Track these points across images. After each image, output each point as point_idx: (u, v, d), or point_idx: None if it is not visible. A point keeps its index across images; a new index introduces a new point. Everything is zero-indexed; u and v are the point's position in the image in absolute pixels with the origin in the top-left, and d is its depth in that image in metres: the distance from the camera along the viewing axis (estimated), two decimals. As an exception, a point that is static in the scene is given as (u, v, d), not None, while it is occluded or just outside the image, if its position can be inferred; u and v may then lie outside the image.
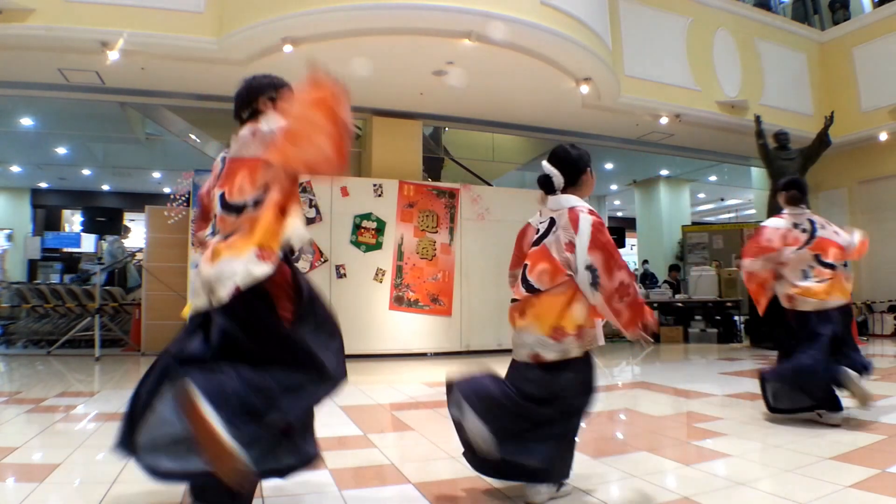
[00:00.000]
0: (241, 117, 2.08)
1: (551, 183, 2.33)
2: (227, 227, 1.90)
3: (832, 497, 2.17)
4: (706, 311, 9.39)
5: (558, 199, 2.30)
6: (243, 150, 1.96)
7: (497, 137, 10.12)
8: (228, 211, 1.91)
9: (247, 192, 1.88)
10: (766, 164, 8.33)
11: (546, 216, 2.33)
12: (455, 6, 5.54)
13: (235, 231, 1.87)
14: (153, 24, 5.92)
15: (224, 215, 1.92)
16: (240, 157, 1.97)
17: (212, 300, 1.80)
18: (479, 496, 2.28)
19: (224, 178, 1.97)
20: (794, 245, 3.53)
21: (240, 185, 1.91)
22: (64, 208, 14.26)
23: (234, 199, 1.90)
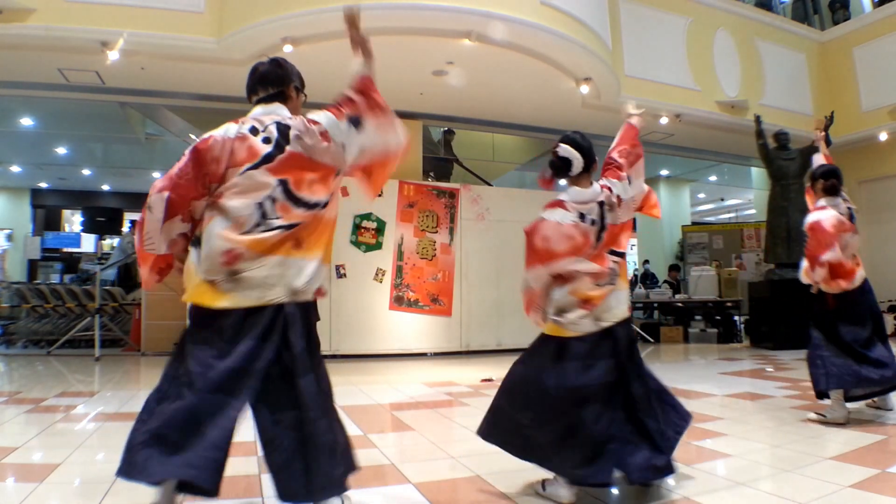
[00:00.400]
0: (257, 94, 2.04)
1: (568, 167, 2.35)
2: (292, 217, 1.88)
3: (832, 497, 2.17)
4: (706, 311, 9.39)
5: (594, 189, 2.36)
6: (314, 152, 1.92)
7: (497, 137, 10.12)
8: (296, 203, 1.89)
9: (319, 194, 1.94)
10: (766, 164, 8.34)
11: (591, 205, 2.32)
12: (455, 6, 5.54)
13: (300, 224, 1.89)
14: (153, 24, 5.92)
15: (289, 205, 1.88)
16: (308, 156, 1.92)
17: (295, 294, 1.87)
18: (479, 496, 2.28)
19: (282, 166, 1.88)
20: (851, 230, 3.55)
21: (310, 184, 1.92)
22: (64, 208, 14.26)
23: (303, 195, 1.90)
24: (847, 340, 3.43)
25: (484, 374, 5.53)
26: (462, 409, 4.06)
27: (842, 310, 3.50)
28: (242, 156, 1.87)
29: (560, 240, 2.25)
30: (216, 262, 1.81)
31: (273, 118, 1.95)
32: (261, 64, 2.10)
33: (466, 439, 3.16)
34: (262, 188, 1.86)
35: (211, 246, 1.83)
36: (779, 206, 8.15)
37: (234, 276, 1.81)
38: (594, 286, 2.29)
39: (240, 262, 1.81)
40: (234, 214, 1.84)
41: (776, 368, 5.95)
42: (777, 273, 8.07)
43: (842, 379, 3.37)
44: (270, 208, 1.86)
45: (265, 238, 1.84)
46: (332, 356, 6.96)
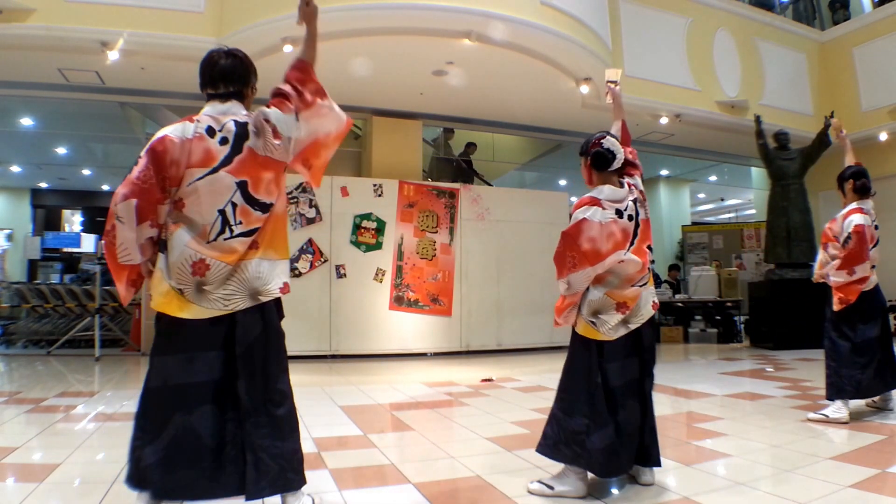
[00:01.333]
0: (216, 89, 1.98)
1: (612, 159, 2.38)
2: (252, 222, 1.88)
3: (832, 497, 2.17)
4: (706, 311, 9.39)
5: (625, 188, 2.39)
6: (269, 150, 1.91)
7: (497, 137, 10.11)
8: (254, 206, 1.88)
9: (273, 194, 1.94)
10: (766, 164, 8.34)
11: (626, 202, 2.35)
12: (455, 6, 5.54)
13: (261, 228, 1.90)
14: (153, 24, 5.92)
15: (249, 209, 1.87)
16: (264, 155, 1.90)
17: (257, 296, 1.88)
18: (479, 496, 2.28)
19: (242, 167, 1.86)
20: (873, 242, 3.55)
21: (267, 184, 1.91)
22: (64, 208, 14.25)
23: (260, 196, 1.90)
24: (857, 342, 3.46)
25: (484, 375, 5.53)
26: (462, 409, 4.06)
27: (854, 310, 3.51)
28: (199, 158, 1.83)
29: (605, 239, 2.26)
30: (185, 271, 1.81)
31: (230, 117, 1.91)
32: (220, 55, 2.01)
33: (466, 439, 3.17)
34: (223, 193, 1.84)
35: (179, 255, 1.82)
36: (779, 206, 8.15)
37: (200, 287, 1.82)
38: (630, 287, 2.33)
39: (207, 272, 1.82)
40: (199, 223, 1.82)
41: (776, 368, 5.95)
42: (777, 273, 8.07)
43: (843, 390, 3.44)
44: (231, 214, 1.85)
45: (230, 246, 1.84)
46: (332, 356, 6.97)
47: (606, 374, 2.30)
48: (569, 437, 2.27)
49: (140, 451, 1.79)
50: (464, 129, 9.38)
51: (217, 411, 1.82)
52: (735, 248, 11.48)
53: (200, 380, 1.82)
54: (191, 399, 1.81)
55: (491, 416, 3.78)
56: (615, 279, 2.32)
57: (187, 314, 1.82)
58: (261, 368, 1.88)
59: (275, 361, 1.92)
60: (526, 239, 7.79)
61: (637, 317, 2.36)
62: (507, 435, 3.23)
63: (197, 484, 1.79)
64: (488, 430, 3.35)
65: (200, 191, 1.82)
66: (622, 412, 2.27)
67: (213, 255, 1.82)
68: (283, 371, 1.95)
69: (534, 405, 4.09)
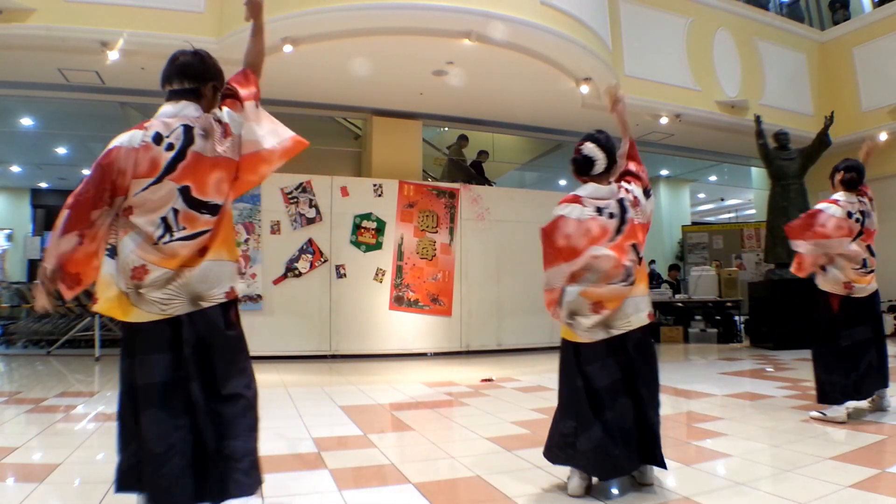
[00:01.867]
0: (172, 85, 1.97)
1: (591, 166, 2.37)
2: (198, 225, 1.84)
3: (832, 497, 2.16)
4: (706, 311, 9.38)
5: (612, 188, 2.39)
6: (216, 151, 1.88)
7: (497, 137, 10.12)
8: (199, 209, 1.84)
9: (223, 194, 1.91)
10: (766, 164, 8.34)
11: (609, 200, 2.35)
12: (455, 6, 5.54)
13: (212, 232, 1.87)
14: (153, 24, 5.92)
15: (192, 213, 1.83)
16: (211, 157, 1.87)
17: (200, 303, 1.83)
18: (479, 496, 2.28)
19: (185, 172, 1.83)
20: (850, 236, 3.44)
21: (217, 184, 1.88)
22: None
23: (209, 198, 1.86)
24: (844, 346, 3.45)
25: (484, 374, 5.53)
26: (462, 409, 4.06)
27: (839, 315, 3.50)
28: (145, 168, 1.81)
29: (581, 235, 2.28)
30: (127, 275, 1.81)
31: (180, 121, 1.88)
32: (182, 53, 2.00)
33: (466, 439, 3.17)
34: (166, 201, 1.82)
35: (124, 259, 1.82)
36: (779, 206, 8.14)
37: (138, 290, 1.81)
38: (607, 285, 2.29)
39: (145, 276, 1.80)
40: (144, 230, 1.81)
41: (776, 368, 5.95)
42: (777, 273, 8.07)
43: (829, 395, 3.47)
44: (174, 220, 1.82)
45: (171, 249, 1.82)
46: (332, 356, 6.97)
47: (588, 376, 2.29)
48: (560, 439, 2.30)
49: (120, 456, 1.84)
50: (464, 130, 9.38)
51: (165, 416, 1.76)
52: (735, 248, 11.48)
53: (150, 381, 1.78)
54: (142, 401, 1.78)
55: (491, 416, 3.78)
56: (592, 275, 2.30)
57: (132, 318, 1.81)
58: (210, 370, 1.83)
59: (227, 363, 1.86)
60: (526, 239, 7.77)
61: (621, 321, 2.30)
62: (507, 435, 3.23)
63: (160, 488, 1.72)
64: (488, 430, 3.35)
65: (146, 199, 1.81)
66: (609, 413, 2.24)
67: (153, 259, 1.80)
68: (239, 372, 1.88)
69: (534, 405, 4.09)
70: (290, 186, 7.02)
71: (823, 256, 3.50)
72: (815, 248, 3.48)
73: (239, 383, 1.87)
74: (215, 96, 2.00)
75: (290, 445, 3.02)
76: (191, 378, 1.80)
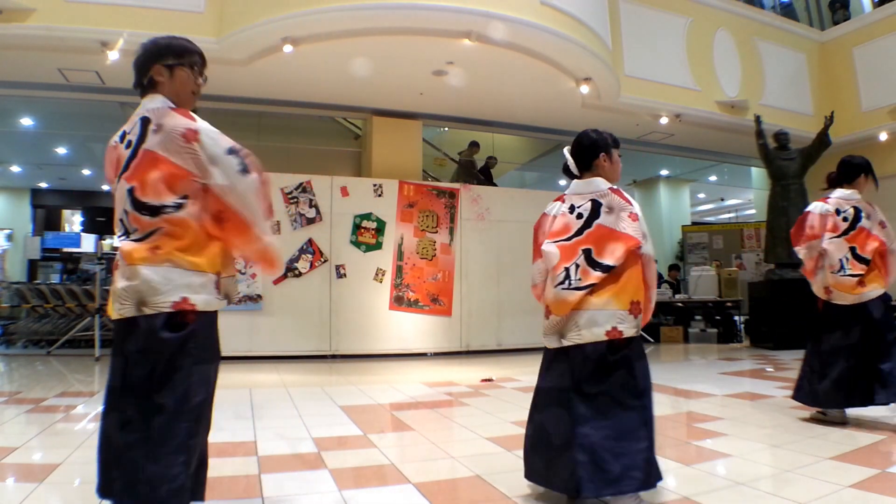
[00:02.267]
0: (141, 85, 1.89)
1: (568, 169, 2.40)
2: (145, 227, 1.73)
3: (832, 497, 2.16)
4: (706, 311, 9.38)
5: (591, 182, 2.30)
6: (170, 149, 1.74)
7: (497, 137, 10.12)
8: (141, 211, 1.74)
9: (164, 196, 1.73)
10: (766, 164, 8.34)
11: (583, 200, 2.27)
12: (455, 6, 5.54)
13: (156, 232, 1.73)
14: (153, 24, 5.91)
15: (137, 214, 1.74)
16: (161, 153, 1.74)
17: (142, 309, 1.69)
18: (479, 496, 2.28)
19: (134, 171, 1.76)
20: (834, 232, 3.36)
21: (154, 185, 1.74)
22: (64, 208, 14.25)
23: (147, 199, 1.74)
24: (823, 350, 3.41)
25: (484, 374, 5.53)
26: (462, 409, 4.06)
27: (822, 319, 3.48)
28: (113, 168, 1.84)
29: (558, 232, 2.28)
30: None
31: (142, 113, 1.81)
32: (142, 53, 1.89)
33: (466, 439, 3.17)
34: (121, 201, 1.79)
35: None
36: (779, 206, 8.15)
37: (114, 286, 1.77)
38: (552, 288, 2.19)
39: (116, 272, 1.77)
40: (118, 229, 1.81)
41: (776, 368, 5.95)
42: (777, 273, 8.07)
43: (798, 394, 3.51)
44: (127, 221, 1.77)
45: (127, 248, 1.75)
46: (332, 356, 6.97)
47: (542, 375, 2.28)
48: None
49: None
50: (464, 129, 9.39)
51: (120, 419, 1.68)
52: (735, 248, 11.48)
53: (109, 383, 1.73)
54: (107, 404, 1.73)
55: (491, 416, 3.78)
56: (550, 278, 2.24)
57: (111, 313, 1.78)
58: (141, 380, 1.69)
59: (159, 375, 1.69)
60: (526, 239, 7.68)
61: (571, 332, 2.13)
62: (507, 435, 3.23)
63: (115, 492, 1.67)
64: (488, 430, 3.35)
65: (115, 200, 1.83)
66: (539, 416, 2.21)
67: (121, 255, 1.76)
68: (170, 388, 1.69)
69: (534, 405, 4.09)
70: (290, 186, 7.02)
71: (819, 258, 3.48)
72: (808, 251, 3.47)
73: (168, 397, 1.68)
74: (174, 74, 1.86)
75: (290, 445, 3.02)
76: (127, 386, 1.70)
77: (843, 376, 3.29)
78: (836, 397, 3.32)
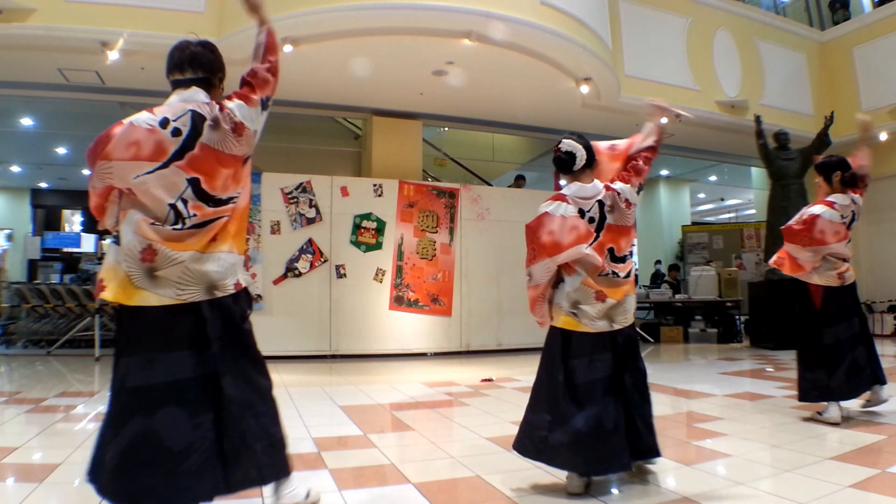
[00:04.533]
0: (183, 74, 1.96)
1: (572, 162, 2.39)
2: (207, 215, 1.85)
3: (832, 497, 2.16)
4: (706, 311, 9.38)
5: (595, 185, 2.40)
6: (226, 145, 1.87)
7: (497, 137, 10.12)
8: (209, 202, 1.85)
9: (231, 189, 1.91)
10: (765, 164, 8.34)
11: (590, 203, 2.35)
12: (455, 6, 5.54)
13: (223, 223, 1.88)
14: (153, 24, 5.92)
15: (201, 204, 1.84)
16: (220, 150, 1.87)
17: (215, 292, 1.84)
18: (479, 496, 2.28)
19: (193, 162, 1.83)
20: (845, 240, 3.47)
21: (224, 181, 1.89)
22: (64, 208, 14.26)
23: (216, 193, 1.87)
24: (827, 344, 3.44)
25: (484, 374, 5.53)
26: (462, 409, 4.06)
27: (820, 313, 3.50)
28: (149, 151, 1.80)
29: (566, 232, 2.29)
30: (134, 257, 1.76)
31: (189, 105, 1.87)
32: (190, 43, 1.99)
33: (466, 439, 3.17)
34: (173, 188, 1.80)
35: (128, 241, 1.77)
36: (779, 206, 8.14)
37: (152, 273, 1.77)
38: (600, 277, 2.33)
39: (155, 257, 1.76)
40: (151, 212, 1.79)
41: (776, 368, 5.95)
42: (777, 273, 8.02)
43: (809, 394, 3.49)
44: (184, 208, 1.82)
45: (177, 235, 1.79)
46: (332, 356, 6.97)
47: (571, 370, 2.29)
48: (531, 431, 2.31)
49: (99, 453, 1.77)
50: (464, 129, 9.39)
51: (185, 413, 1.74)
52: (735, 248, 11.48)
53: (161, 381, 1.75)
54: (151, 401, 1.74)
55: (491, 416, 3.78)
56: (583, 269, 2.32)
57: (137, 301, 1.77)
58: (240, 363, 1.87)
59: (249, 354, 1.91)
60: (526, 239, 7.77)
61: (622, 316, 2.36)
62: (507, 435, 3.22)
63: (158, 490, 1.69)
64: (488, 430, 3.35)
65: (150, 184, 1.79)
66: (591, 408, 2.23)
67: (161, 241, 1.77)
68: (260, 362, 1.95)
69: (534, 405, 4.09)
70: (290, 186, 7.02)
71: (820, 259, 3.49)
72: (813, 254, 3.48)
73: (263, 373, 1.94)
74: (220, 88, 2.04)
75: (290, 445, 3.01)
76: (221, 373, 1.80)
77: (856, 365, 3.39)
78: (851, 387, 3.40)
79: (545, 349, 2.43)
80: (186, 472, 1.70)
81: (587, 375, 2.27)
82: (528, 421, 2.37)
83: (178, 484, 1.70)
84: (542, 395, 2.36)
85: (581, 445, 2.19)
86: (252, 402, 1.86)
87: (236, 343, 1.87)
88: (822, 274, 3.51)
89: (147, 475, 1.69)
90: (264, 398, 1.92)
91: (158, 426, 1.72)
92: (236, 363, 1.86)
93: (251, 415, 1.84)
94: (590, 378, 2.27)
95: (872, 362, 3.47)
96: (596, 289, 2.31)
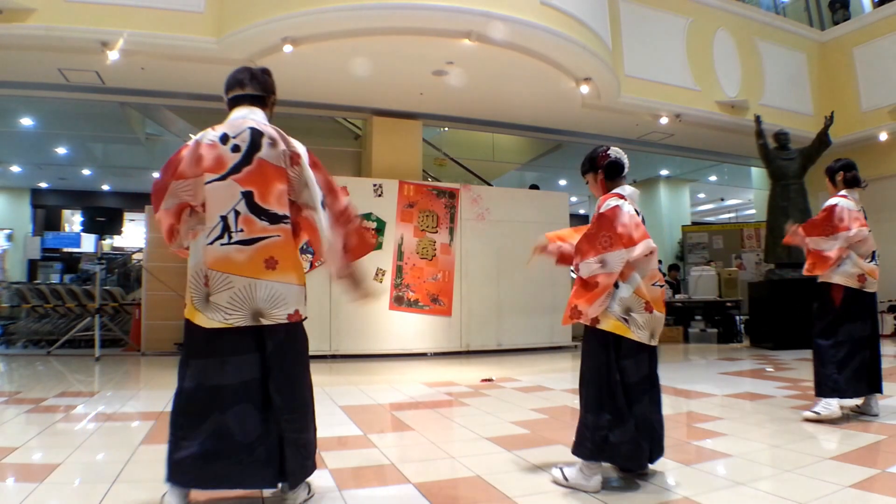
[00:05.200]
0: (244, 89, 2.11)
1: (623, 166, 2.55)
2: (255, 231, 1.92)
3: (832, 497, 2.16)
4: (706, 311, 9.39)
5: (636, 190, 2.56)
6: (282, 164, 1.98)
7: (497, 137, 10.12)
8: (259, 215, 1.92)
9: (285, 205, 1.98)
10: (765, 164, 8.34)
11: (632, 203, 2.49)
12: (455, 6, 5.54)
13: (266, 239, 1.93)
14: (153, 24, 5.92)
15: (253, 218, 1.92)
16: (277, 165, 1.97)
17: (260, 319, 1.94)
18: (479, 496, 2.28)
19: (249, 177, 1.94)
20: (865, 226, 3.50)
21: (278, 196, 1.95)
22: (64, 208, 14.27)
23: (271, 206, 1.94)
24: (840, 341, 3.46)
25: (484, 375, 5.53)
26: (462, 409, 4.06)
27: (841, 310, 3.51)
28: (210, 163, 1.92)
29: (633, 227, 2.37)
30: (200, 281, 1.93)
31: (249, 123, 1.99)
32: (253, 67, 2.20)
33: (466, 439, 3.17)
34: (228, 200, 1.91)
35: (195, 265, 1.96)
36: (779, 206, 8.15)
37: (207, 298, 1.93)
38: (652, 286, 2.41)
39: (209, 283, 1.91)
40: (207, 226, 1.93)
41: (776, 368, 5.95)
42: (777, 273, 8.06)
43: (823, 387, 3.49)
44: (234, 220, 1.90)
45: (224, 253, 1.90)
46: (332, 356, 6.97)
47: (624, 371, 2.36)
48: (594, 433, 2.32)
49: (175, 446, 1.91)
50: (464, 129, 9.39)
51: (251, 410, 1.95)
52: (735, 248, 11.49)
53: (231, 381, 1.94)
54: (224, 399, 1.93)
55: (491, 416, 3.78)
56: (639, 275, 2.38)
57: (198, 321, 1.95)
58: (285, 372, 2.02)
59: (296, 364, 2.06)
60: (526, 239, 7.74)
61: (658, 330, 2.44)
62: (507, 435, 3.23)
63: (232, 475, 1.94)
64: (488, 430, 3.35)
65: (208, 195, 1.92)
66: (638, 406, 2.35)
67: (211, 263, 1.91)
68: (305, 373, 2.12)
69: (534, 405, 4.09)
70: (290, 186, 7.01)
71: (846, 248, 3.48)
72: (836, 242, 3.48)
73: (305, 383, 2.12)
74: (272, 111, 2.17)
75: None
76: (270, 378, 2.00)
77: (864, 365, 3.46)
78: (859, 385, 3.45)
79: (591, 351, 2.41)
80: (255, 462, 1.94)
81: (636, 375, 2.38)
82: (589, 424, 2.34)
83: (248, 472, 1.94)
84: (600, 396, 2.35)
85: (633, 442, 2.29)
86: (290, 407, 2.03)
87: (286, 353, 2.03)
88: (844, 273, 3.50)
89: (223, 465, 1.91)
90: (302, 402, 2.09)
91: (230, 422, 1.93)
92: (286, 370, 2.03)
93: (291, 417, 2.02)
94: (637, 378, 2.37)
95: (875, 369, 3.51)
96: (646, 299, 2.37)
